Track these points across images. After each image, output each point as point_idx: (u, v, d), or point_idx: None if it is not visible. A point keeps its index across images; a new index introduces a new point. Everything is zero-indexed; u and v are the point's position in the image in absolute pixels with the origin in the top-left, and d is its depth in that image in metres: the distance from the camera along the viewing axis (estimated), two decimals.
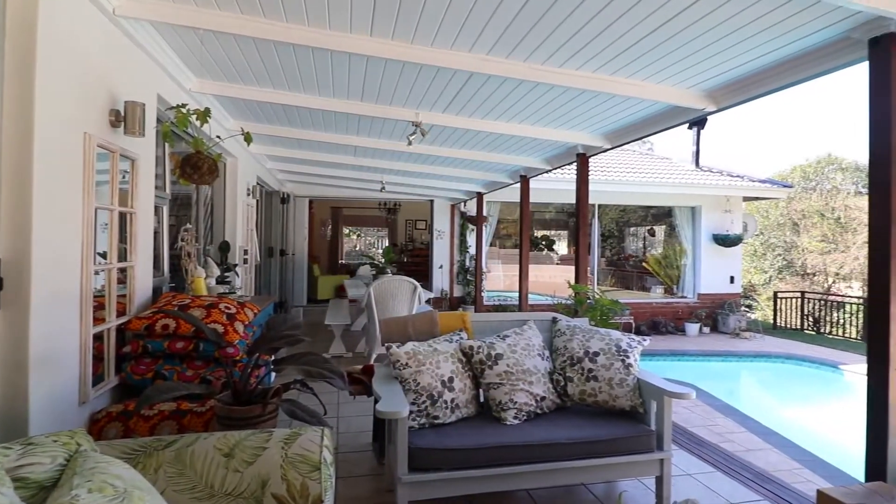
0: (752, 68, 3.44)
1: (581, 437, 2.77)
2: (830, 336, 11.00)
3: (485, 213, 10.54)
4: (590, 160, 5.82)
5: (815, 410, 7.26)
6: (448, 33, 3.09)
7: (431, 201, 11.11)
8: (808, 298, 12.14)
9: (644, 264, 13.07)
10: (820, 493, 2.17)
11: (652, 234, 13.80)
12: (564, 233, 16.13)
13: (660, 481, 2.85)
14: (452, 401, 2.91)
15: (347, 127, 5.45)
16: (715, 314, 10.86)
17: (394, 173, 8.03)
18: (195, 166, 2.96)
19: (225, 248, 4.91)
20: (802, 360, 8.57)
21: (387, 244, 17.21)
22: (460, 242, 10.97)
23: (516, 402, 2.96)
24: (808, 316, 11.88)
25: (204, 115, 3.03)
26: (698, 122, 12.12)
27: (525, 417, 2.97)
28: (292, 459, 1.84)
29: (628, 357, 3.11)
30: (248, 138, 3.26)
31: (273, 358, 2.86)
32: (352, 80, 4.00)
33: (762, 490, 3.28)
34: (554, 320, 3.58)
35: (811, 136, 43.78)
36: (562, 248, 17.06)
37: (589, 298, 4.92)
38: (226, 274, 4.58)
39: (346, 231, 18.99)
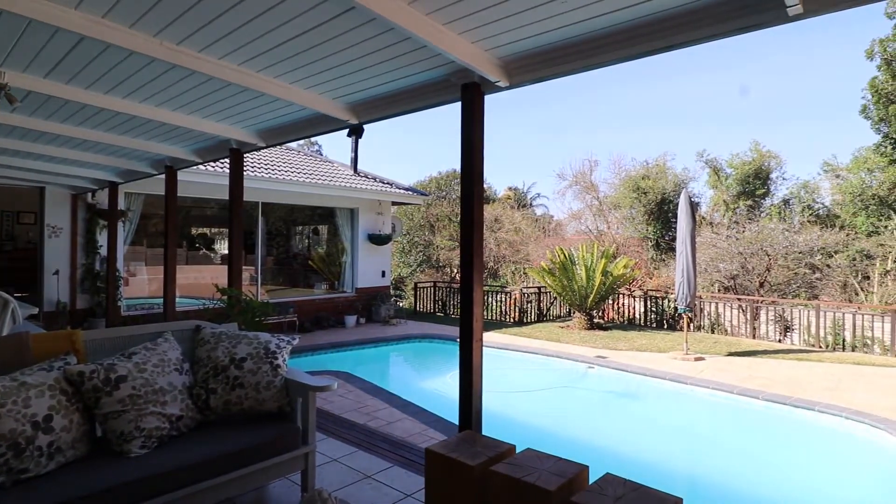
0: (385, 91, 3.93)
1: (223, 451, 2.61)
2: (453, 316, 13.76)
3: (123, 207, 8.90)
4: (246, 156, 5.61)
5: (441, 378, 8.91)
6: None
7: (42, 189, 8.67)
8: (439, 287, 14.90)
9: (310, 262, 13.50)
10: (427, 451, 2.64)
11: (316, 233, 14.37)
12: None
13: (305, 475, 2.95)
14: (51, 444, 2.30)
15: None
16: (370, 305, 12.12)
17: None
18: None
19: None
20: (434, 339, 10.45)
21: None
22: (87, 242, 8.92)
23: (144, 429, 2.56)
24: (438, 301, 14.56)
25: None
26: (356, 131, 13.33)
27: (156, 444, 2.60)
28: None
29: (277, 358, 3.10)
30: None
31: None
32: None
33: (395, 457, 3.81)
34: (197, 329, 3.27)
35: (443, 153, 53.92)
36: (226, 247, 15.97)
37: (241, 301, 4.72)
38: None
39: None
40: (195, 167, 7.20)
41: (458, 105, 3.56)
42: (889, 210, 16.19)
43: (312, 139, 33.59)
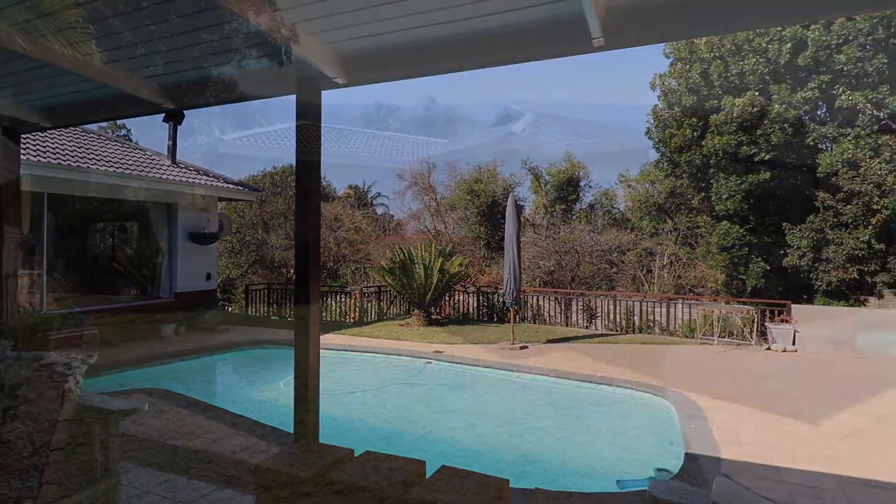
0: (210, 76, 3.56)
1: None
2: (290, 319, 13.12)
3: None
4: (27, 138, 4.60)
5: (276, 386, 8.41)
6: None
7: None
8: (274, 289, 14.08)
9: (116, 265, 11.66)
10: (257, 467, 2.45)
11: (124, 230, 12.48)
12: None
13: None
14: None
15: None
16: (192, 311, 10.92)
17: None
18: None
19: None
20: (268, 345, 9.83)
21: None
22: None
23: None
24: (273, 304, 13.76)
25: None
26: (174, 117, 11.86)
27: None
28: None
29: (66, 381, 2.60)
30: None
31: None
32: None
33: (222, 478, 3.47)
34: None
35: (279, 147, 50.85)
36: None
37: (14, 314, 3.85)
38: None
39: None
40: None
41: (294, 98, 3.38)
42: (665, 215, 19.76)
43: (119, 122, 29.16)
